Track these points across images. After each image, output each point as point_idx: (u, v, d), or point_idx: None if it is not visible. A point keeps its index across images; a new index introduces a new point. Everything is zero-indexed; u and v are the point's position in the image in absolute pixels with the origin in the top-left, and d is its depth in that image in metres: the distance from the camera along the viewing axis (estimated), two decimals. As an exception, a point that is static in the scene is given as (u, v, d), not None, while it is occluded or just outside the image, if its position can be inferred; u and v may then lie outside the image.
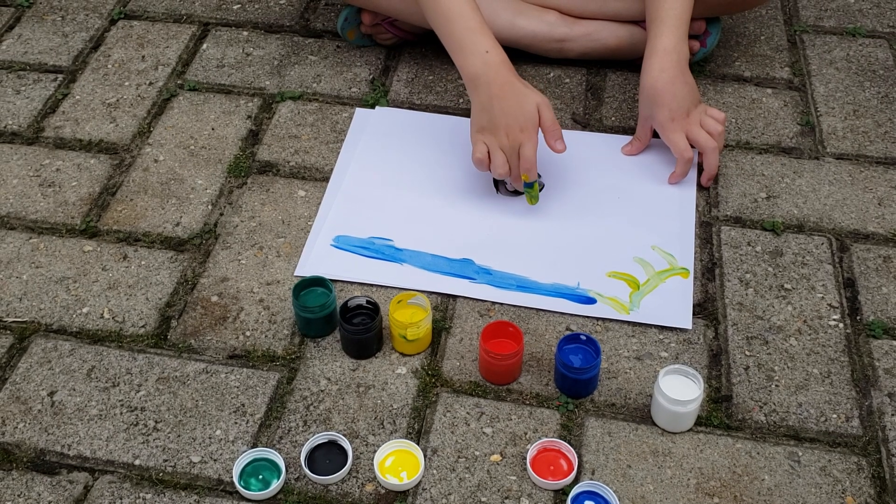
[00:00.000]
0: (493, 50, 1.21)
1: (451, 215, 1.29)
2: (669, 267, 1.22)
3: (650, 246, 1.24)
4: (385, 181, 1.34)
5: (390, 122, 1.43)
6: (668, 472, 1.01)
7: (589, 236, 1.26)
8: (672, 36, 1.28)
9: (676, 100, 1.28)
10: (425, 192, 1.32)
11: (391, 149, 1.39)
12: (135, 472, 1.01)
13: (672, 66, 1.27)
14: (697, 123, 1.29)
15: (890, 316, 1.16)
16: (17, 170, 1.37)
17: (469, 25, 1.21)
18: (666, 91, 1.27)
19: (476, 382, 1.10)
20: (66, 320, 1.17)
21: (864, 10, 1.64)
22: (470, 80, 1.22)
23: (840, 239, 1.26)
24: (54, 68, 1.54)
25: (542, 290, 1.19)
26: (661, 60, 1.27)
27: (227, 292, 1.20)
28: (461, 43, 1.21)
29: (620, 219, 1.28)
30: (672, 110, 1.28)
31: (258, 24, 1.63)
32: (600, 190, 1.32)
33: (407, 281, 1.20)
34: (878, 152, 1.38)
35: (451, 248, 1.24)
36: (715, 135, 1.29)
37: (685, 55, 1.29)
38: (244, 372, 1.11)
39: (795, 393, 1.08)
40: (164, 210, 1.31)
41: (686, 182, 1.33)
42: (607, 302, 1.17)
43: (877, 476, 1.01)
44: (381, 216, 1.28)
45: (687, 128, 1.29)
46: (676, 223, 1.27)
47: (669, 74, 1.27)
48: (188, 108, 1.47)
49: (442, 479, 1.01)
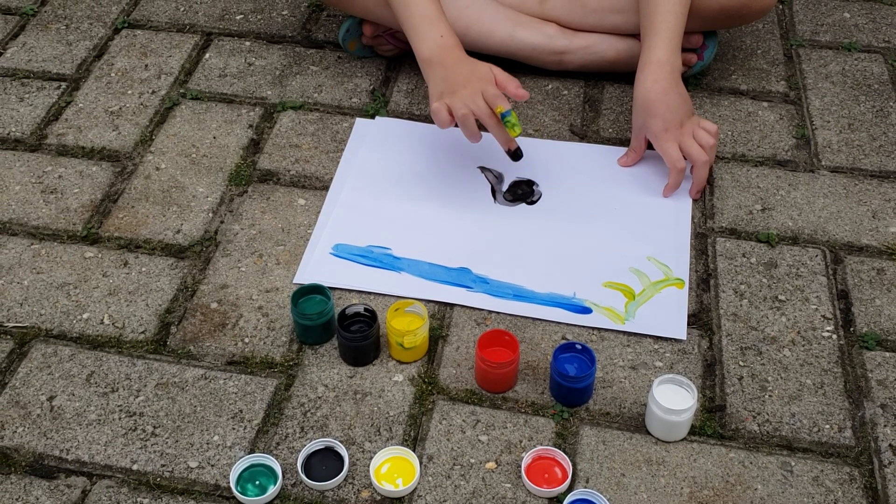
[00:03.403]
0: (448, 35, 1.27)
1: (448, 224, 1.30)
2: (665, 278, 1.23)
3: (646, 256, 1.25)
4: (384, 190, 1.35)
5: (389, 133, 1.44)
6: (662, 481, 1.02)
7: (585, 246, 1.27)
8: (665, 48, 1.30)
9: (670, 110, 1.29)
10: (423, 201, 1.33)
11: (390, 158, 1.40)
12: (132, 477, 1.02)
13: (665, 77, 1.29)
14: (690, 135, 1.31)
15: (883, 328, 1.17)
16: (19, 176, 1.38)
17: (426, 13, 1.28)
18: (659, 102, 1.29)
19: (472, 390, 1.11)
20: (67, 326, 1.18)
21: (859, 25, 1.66)
22: (425, 61, 1.27)
23: (834, 251, 1.27)
24: (58, 76, 1.56)
25: (538, 299, 1.20)
26: (655, 72, 1.29)
27: (227, 299, 1.21)
28: (417, 28, 1.28)
29: (617, 229, 1.29)
30: (665, 120, 1.30)
31: (260, 34, 1.65)
32: (597, 201, 1.33)
33: (404, 289, 1.21)
34: (873, 165, 1.39)
35: (448, 257, 1.25)
36: (707, 147, 1.30)
37: (678, 67, 1.31)
38: (242, 378, 1.12)
39: (789, 403, 1.09)
40: (165, 217, 1.32)
41: (682, 193, 1.34)
42: (603, 312, 1.18)
43: (869, 487, 1.01)
44: (379, 225, 1.30)
45: (680, 139, 1.31)
46: (672, 234, 1.28)
47: (662, 85, 1.29)
48: (190, 117, 1.48)
49: (437, 487, 1.01)
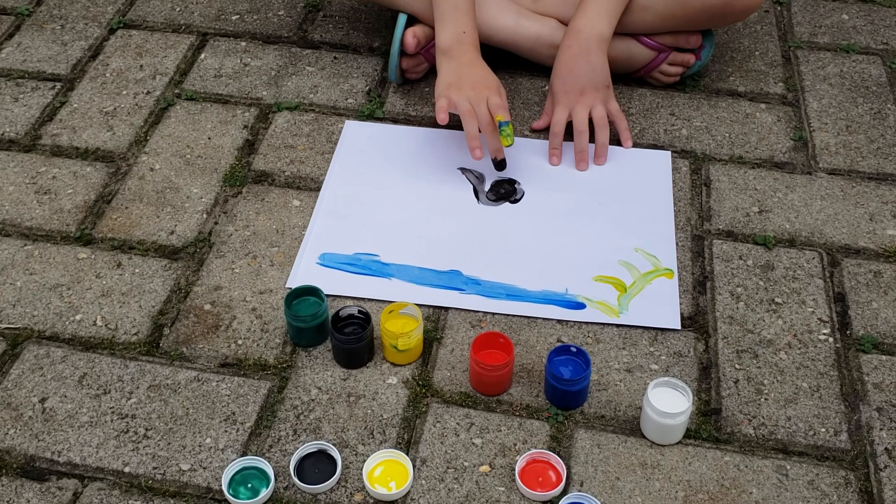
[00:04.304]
0: (470, 32, 1.34)
1: (434, 227, 1.29)
2: (654, 268, 1.23)
3: (634, 248, 1.26)
4: (367, 196, 1.34)
5: (369, 137, 1.43)
6: (657, 485, 1.01)
7: (573, 242, 1.27)
8: (586, 17, 1.36)
9: (572, 75, 1.35)
10: (408, 205, 1.33)
11: (371, 163, 1.39)
12: (124, 479, 1.02)
13: (578, 44, 1.35)
14: (587, 105, 1.35)
15: (880, 331, 1.16)
16: (13, 177, 1.38)
17: (458, 4, 1.33)
18: (563, 65, 1.36)
19: (466, 393, 1.10)
20: (59, 327, 1.17)
21: (857, 27, 1.66)
22: (443, 50, 1.33)
23: (831, 254, 1.26)
24: (53, 76, 1.55)
25: (531, 297, 1.20)
26: (569, 37, 1.37)
27: (220, 301, 1.20)
28: (444, 16, 1.34)
29: (602, 223, 1.30)
30: (565, 83, 1.35)
31: (256, 34, 1.64)
32: (580, 196, 1.34)
33: (396, 295, 1.20)
34: (871, 168, 1.39)
35: (437, 261, 1.24)
36: (596, 119, 1.35)
37: (600, 37, 1.35)
38: (235, 380, 1.11)
39: (784, 407, 1.08)
40: (159, 218, 1.31)
41: (662, 183, 1.35)
42: (596, 306, 1.18)
43: (864, 490, 1.01)
44: (365, 232, 1.29)
45: (573, 105, 1.35)
46: (657, 225, 1.29)
47: (573, 52, 1.35)
48: (185, 118, 1.48)
49: (431, 490, 1.01)
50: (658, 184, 1.35)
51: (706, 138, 1.44)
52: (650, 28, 1.43)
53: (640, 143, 1.43)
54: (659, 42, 1.46)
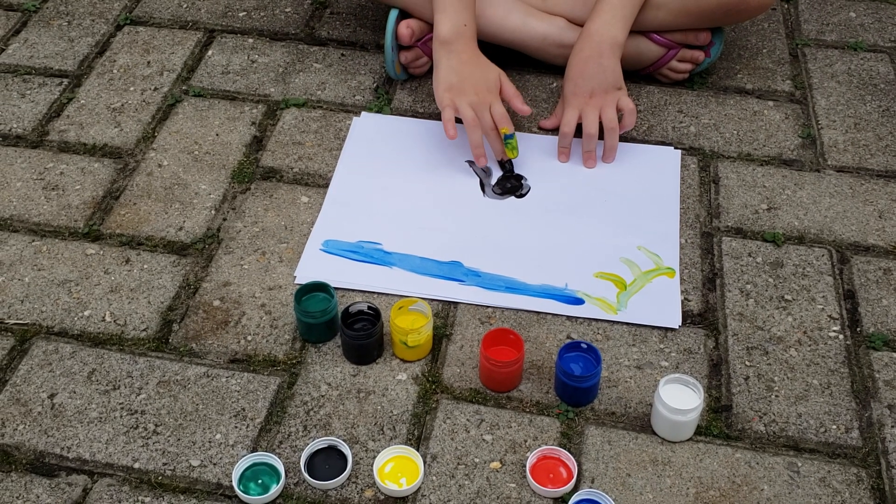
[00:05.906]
0: (470, 25, 1.34)
1: (438, 218, 1.30)
2: (655, 267, 1.23)
3: (636, 246, 1.25)
4: (373, 186, 1.35)
5: (379, 129, 1.44)
6: (668, 481, 1.01)
7: (576, 238, 1.27)
8: (600, 20, 1.35)
9: (583, 78, 1.34)
10: (413, 195, 1.33)
11: (378, 154, 1.40)
12: (134, 475, 1.01)
13: (590, 47, 1.34)
14: (597, 107, 1.35)
15: (890, 328, 1.16)
16: (20, 173, 1.38)
17: None
18: (574, 68, 1.36)
19: (476, 389, 1.10)
20: (68, 323, 1.17)
21: (865, 25, 1.65)
22: (441, 42, 1.33)
23: (840, 251, 1.26)
24: (60, 73, 1.55)
25: (530, 291, 1.20)
26: (582, 41, 1.36)
27: (229, 297, 1.20)
28: (445, 8, 1.33)
29: (606, 220, 1.30)
30: (576, 85, 1.35)
31: (263, 31, 1.64)
32: (586, 193, 1.34)
33: (396, 284, 1.20)
34: (879, 165, 1.39)
35: (439, 251, 1.25)
36: (606, 122, 1.34)
37: (613, 41, 1.34)
38: (245, 376, 1.11)
39: (795, 403, 1.08)
40: (168, 214, 1.31)
41: (669, 183, 1.35)
42: (595, 302, 1.18)
43: (876, 488, 1.01)
44: (369, 220, 1.29)
45: (584, 107, 1.35)
46: (661, 224, 1.29)
47: (585, 54, 1.35)
48: (193, 114, 1.47)
49: (441, 486, 1.01)
50: (666, 182, 1.35)
51: (714, 135, 1.43)
52: (662, 25, 1.43)
53: (649, 139, 1.43)
54: (669, 39, 1.45)
